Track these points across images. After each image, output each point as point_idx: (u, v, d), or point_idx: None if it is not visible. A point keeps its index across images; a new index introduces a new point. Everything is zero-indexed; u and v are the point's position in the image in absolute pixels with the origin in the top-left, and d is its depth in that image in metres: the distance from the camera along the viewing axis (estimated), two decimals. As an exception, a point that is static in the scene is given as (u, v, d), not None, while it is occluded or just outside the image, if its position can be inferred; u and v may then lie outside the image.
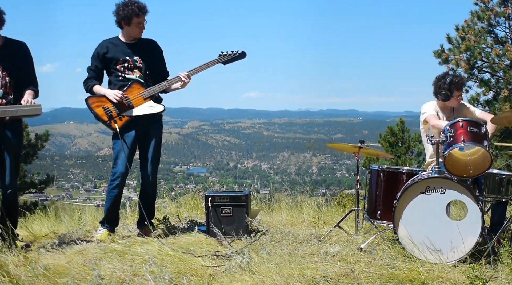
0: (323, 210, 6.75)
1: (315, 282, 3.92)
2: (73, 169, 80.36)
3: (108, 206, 5.42)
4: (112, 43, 5.36)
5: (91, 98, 5.33)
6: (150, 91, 5.29)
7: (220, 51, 5.50)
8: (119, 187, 5.35)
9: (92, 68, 5.38)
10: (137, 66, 5.33)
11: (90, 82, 5.36)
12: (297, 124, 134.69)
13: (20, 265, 4.14)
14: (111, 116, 5.26)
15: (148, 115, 5.30)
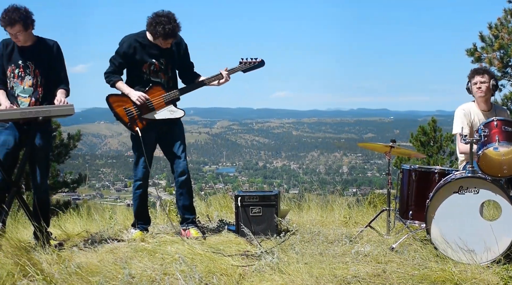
0: (354, 210, 6.71)
1: (346, 282, 3.89)
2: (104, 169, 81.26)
3: (135, 207, 5.48)
4: (140, 43, 5.28)
5: (113, 97, 5.34)
6: (171, 95, 5.30)
7: (241, 58, 5.50)
8: (143, 187, 5.40)
9: (115, 63, 5.34)
10: (162, 69, 5.31)
11: (113, 77, 5.34)
12: (327, 124, 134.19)
13: (54, 263, 4.18)
14: (132, 118, 5.29)
15: (169, 119, 5.33)
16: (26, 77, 4.94)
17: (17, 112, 4.66)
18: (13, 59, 4.96)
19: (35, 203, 5.01)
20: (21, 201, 4.87)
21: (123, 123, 5.32)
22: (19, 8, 4.78)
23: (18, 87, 4.94)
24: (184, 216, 5.48)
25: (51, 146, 5.23)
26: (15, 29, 4.78)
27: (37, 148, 4.96)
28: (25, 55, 4.95)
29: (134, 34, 5.34)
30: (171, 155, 5.42)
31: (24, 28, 4.82)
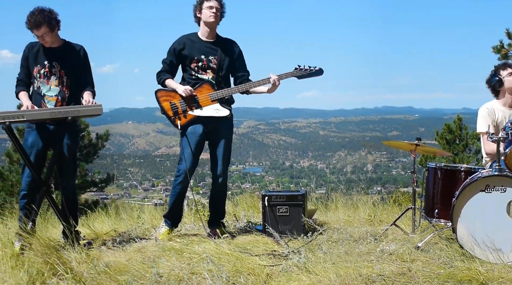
0: (379, 208, 6.69)
1: (372, 281, 3.88)
2: (131, 168, 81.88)
3: (171, 202, 5.45)
4: (190, 39, 5.38)
5: (161, 91, 5.39)
6: (218, 94, 5.30)
7: (297, 65, 5.39)
8: (183, 184, 5.37)
9: (166, 62, 5.42)
10: (211, 66, 5.33)
11: (163, 76, 5.41)
12: (353, 123, 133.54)
13: (83, 262, 4.23)
14: (176, 113, 5.31)
15: (213, 117, 5.33)
16: (52, 77, 5.00)
17: (47, 112, 4.70)
18: (39, 60, 5.02)
19: (64, 202, 5.08)
20: (51, 200, 4.92)
21: (168, 117, 5.35)
22: (44, 10, 4.85)
23: (45, 87, 5.00)
24: (213, 217, 5.52)
25: (79, 145, 5.28)
26: (41, 31, 4.85)
27: (65, 148, 5.02)
28: (51, 56, 5.02)
29: (187, 34, 5.46)
30: (213, 155, 5.43)
31: (50, 29, 4.89)
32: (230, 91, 5.34)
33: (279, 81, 5.32)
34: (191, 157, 5.30)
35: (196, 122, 5.32)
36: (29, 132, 5.02)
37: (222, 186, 5.45)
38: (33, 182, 4.91)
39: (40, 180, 4.85)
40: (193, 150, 5.32)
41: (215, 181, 5.43)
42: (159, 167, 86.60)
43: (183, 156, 5.31)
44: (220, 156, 5.39)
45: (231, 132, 5.51)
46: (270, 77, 5.30)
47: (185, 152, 5.30)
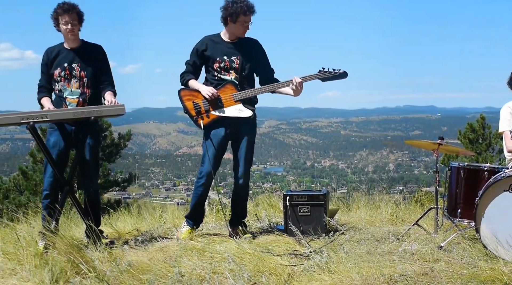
0: (401, 208, 6.65)
1: (394, 280, 3.86)
2: (153, 168, 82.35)
3: (193, 203, 5.47)
4: (213, 40, 5.37)
5: (184, 91, 5.39)
6: (242, 94, 5.28)
7: (321, 67, 5.36)
8: (205, 186, 5.38)
9: (190, 63, 5.42)
10: (233, 67, 5.31)
11: (187, 76, 5.41)
12: (374, 122, 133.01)
13: (105, 261, 4.25)
14: (199, 112, 5.30)
15: (236, 117, 5.32)
16: (73, 79, 5.03)
17: (69, 113, 4.74)
18: (59, 63, 5.06)
19: (86, 202, 5.11)
20: (74, 199, 4.95)
21: (190, 116, 5.35)
22: (74, 3, 4.97)
23: (66, 90, 5.04)
24: (235, 217, 5.53)
25: (101, 145, 5.32)
26: (72, 17, 4.92)
27: (87, 148, 5.05)
28: (71, 58, 5.05)
29: (209, 35, 5.45)
30: (235, 156, 5.42)
31: (79, 20, 4.97)
32: (253, 92, 5.32)
33: (301, 85, 5.28)
34: (213, 159, 5.31)
35: (219, 123, 5.32)
36: (51, 133, 5.06)
37: (244, 186, 5.45)
38: (55, 181, 4.95)
39: (63, 179, 4.89)
40: (216, 151, 5.32)
41: (237, 181, 5.43)
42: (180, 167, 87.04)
43: (205, 157, 5.32)
44: (242, 157, 5.38)
45: (254, 134, 5.49)
46: (292, 80, 5.27)
47: (207, 154, 5.32)
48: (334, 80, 5.39)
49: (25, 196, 12.79)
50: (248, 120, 5.37)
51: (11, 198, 13.30)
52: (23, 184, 13.53)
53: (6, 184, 14.20)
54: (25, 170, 13.60)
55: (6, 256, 4.44)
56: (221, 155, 5.41)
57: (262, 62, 5.48)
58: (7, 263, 4.33)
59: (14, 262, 4.29)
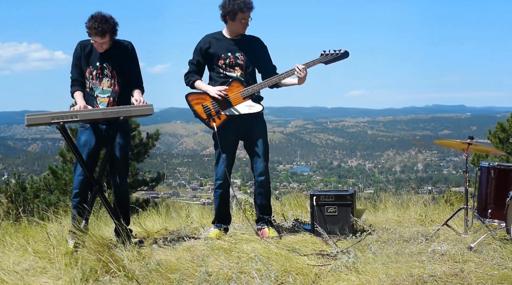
0: (430, 208, 6.59)
1: (423, 281, 3.83)
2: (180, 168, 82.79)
3: (216, 206, 5.51)
4: (215, 38, 5.39)
5: (191, 95, 5.40)
6: (249, 90, 5.29)
7: (322, 50, 5.36)
8: (223, 186, 5.42)
9: (193, 63, 5.43)
10: (238, 63, 5.33)
11: (192, 77, 5.42)
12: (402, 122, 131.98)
13: (134, 260, 4.28)
14: (209, 115, 5.31)
15: (247, 114, 5.34)
16: (104, 78, 5.06)
17: (99, 112, 4.77)
18: (91, 61, 5.08)
19: (116, 201, 5.15)
20: (103, 199, 4.98)
21: (202, 120, 5.36)
22: (107, 18, 4.89)
23: (97, 89, 5.07)
24: (260, 215, 5.53)
25: (130, 144, 5.35)
26: (105, 39, 4.92)
27: (117, 147, 5.09)
28: (102, 57, 5.06)
29: (211, 33, 5.46)
30: (252, 154, 5.42)
31: (112, 38, 4.98)
32: (261, 86, 5.32)
33: (305, 70, 5.25)
34: (227, 159, 5.35)
35: (230, 122, 5.32)
36: (82, 132, 5.11)
37: (266, 183, 5.44)
38: (85, 180, 4.99)
39: (93, 178, 4.92)
40: (228, 151, 5.36)
41: (258, 179, 5.42)
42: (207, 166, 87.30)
43: (219, 158, 5.35)
44: (260, 154, 5.38)
45: (265, 129, 5.49)
46: (295, 68, 5.26)
47: (221, 155, 5.35)
48: (336, 61, 5.36)
49: (55, 195, 12.95)
50: (258, 116, 5.37)
51: (41, 197, 13.48)
52: (53, 183, 13.69)
53: (36, 183, 14.40)
54: (55, 169, 13.76)
55: (37, 255, 4.50)
56: (234, 153, 5.46)
57: (264, 59, 5.49)
58: (38, 261, 4.40)
59: (45, 261, 4.35)
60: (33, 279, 3.98)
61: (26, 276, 3.98)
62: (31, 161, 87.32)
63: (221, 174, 5.38)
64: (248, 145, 5.44)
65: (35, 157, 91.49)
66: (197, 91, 5.41)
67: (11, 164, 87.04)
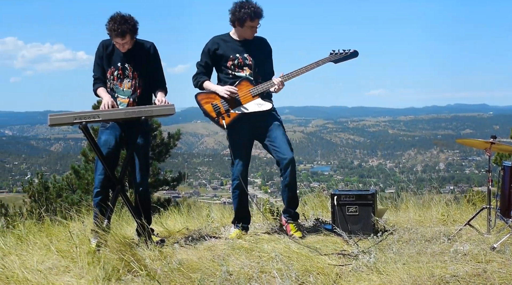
0: (452, 208, 6.54)
1: (445, 281, 3.81)
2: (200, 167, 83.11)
3: (235, 206, 5.53)
4: (223, 39, 5.40)
5: (201, 95, 5.41)
6: (258, 89, 5.29)
7: (332, 49, 5.41)
8: (240, 186, 5.42)
9: (202, 64, 5.43)
10: (247, 64, 5.34)
11: (200, 78, 5.43)
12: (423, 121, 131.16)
13: (156, 259, 4.31)
14: (219, 113, 5.31)
15: (257, 112, 5.32)
16: (125, 79, 5.08)
17: (121, 112, 4.79)
18: (113, 62, 5.10)
19: (137, 200, 5.16)
20: (125, 198, 5.00)
21: (211, 119, 5.36)
22: (127, 18, 4.91)
23: (118, 89, 5.09)
24: (287, 208, 5.49)
25: (151, 144, 5.37)
26: (125, 40, 4.94)
27: (137, 147, 5.11)
28: (124, 58, 5.08)
29: (218, 35, 5.48)
30: (274, 149, 5.34)
31: (133, 38, 4.99)
32: (270, 84, 5.33)
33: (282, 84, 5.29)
34: (242, 158, 5.36)
35: (240, 120, 5.32)
36: (103, 131, 5.14)
37: (292, 173, 5.31)
38: (105, 179, 5.02)
39: (115, 178, 4.95)
40: (243, 149, 5.37)
41: (284, 170, 5.29)
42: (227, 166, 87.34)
43: (234, 158, 5.36)
44: (283, 145, 5.29)
45: (280, 122, 5.42)
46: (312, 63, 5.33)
47: (236, 155, 5.35)
48: (346, 60, 5.44)
49: (78, 194, 13.06)
50: (269, 113, 5.37)
51: (64, 196, 13.59)
52: (76, 182, 13.81)
53: (59, 182, 14.53)
54: (77, 169, 13.88)
55: (60, 254, 4.54)
56: (249, 151, 5.45)
57: (267, 61, 5.52)
58: (61, 260, 4.44)
59: (68, 260, 4.39)
60: (56, 277, 4.02)
61: (49, 275, 4.02)
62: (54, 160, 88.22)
63: (237, 174, 5.40)
64: (268, 142, 5.38)
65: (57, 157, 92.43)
66: (206, 91, 5.43)
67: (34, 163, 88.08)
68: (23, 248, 4.90)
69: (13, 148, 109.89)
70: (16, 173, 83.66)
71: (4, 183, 75.97)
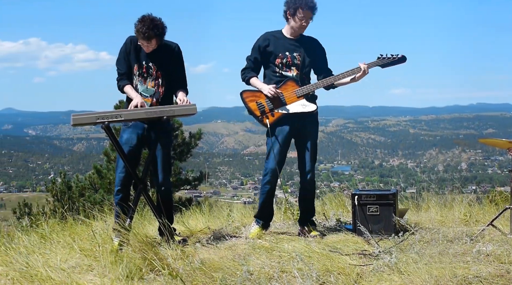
0: (474, 208, 6.49)
1: (468, 282, 3.78)
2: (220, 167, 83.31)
3: (261, 201, 5.51)
4: (275, 36, 5.41)
5: (246, 93, 5.44)
6: (304, 90, 5.31)
7: (380, 53, 5.40)
8: (271, 183, 5.42)
9: (251, 59, 5.45)
10: (295, 63, 5.34)
11: (248, 74, 5.44)
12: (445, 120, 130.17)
13: (178, 258, 4.33)
14: (263, 112, 5.34)
15: (301, 113, 5.35)
16: (148, 78, 5.11)
17: (142, 112, 4.81)
18: (138, 59, 5.12)
19: (159, 200, 5.18)
20: (147, 197, 5.03)
21: (255, 117, 5.40)
22: (157, 24, 4.92)
23: (142, 86, 5.12)
24: (304, 215, 5.54)
25: (173, 144, 5.40)
26: (152, 43, 4.97)
27: (159, 146, 5.13)
28: (149, 57, 5.11)
29: (270, 31, 5.49)
30: (300, 153, 5.45)
31: (158, 42, 5.02)
32: (316, 86, 5.35)
33: (368, 69, 5.32)
34: (278, 155, 5.35)
35: (284, 120, 5.34)
36: (124, 130, 5.17)
37: (311, 182, 5.46)
38: (126, 178, 5.06)
39: (137, 177, 4.98)
40: (281, 148, 5.36)
41: (303, 178, 5.44)
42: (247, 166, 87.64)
43: (270, 154, 5.36)
44: (308, 153, 5.40)
45: (317, 129, 5.51)
46: (358, 67, 5.30)
47: (272, 150, 5.35)
48: (393, 65, 5.42)
49: (100, 194, 13.15)
50: (311, 115, 5.38)
51: (86, 196, 13.69)
52: (98, 182, 13.90)
53: (81, 182, 14.64)
54: (99, 168, 13.98)
55: (83, 253, 4.58)
56: (285, 151, 5.43)
57: (321, 61, 5.50)
58: (84, 259, 4.48)
59: (91, 259, 4.43)
60: (79, 276, 4.05)
61: (72, 274, 4.05)
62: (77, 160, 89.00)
63: (270, 169, 5.38)
64: (299, 144, 5.47)
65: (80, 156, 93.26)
66: (252, 88, 5.46)
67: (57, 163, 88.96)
68: (47, 247, 4.94)
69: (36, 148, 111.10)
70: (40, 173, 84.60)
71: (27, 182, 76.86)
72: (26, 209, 13.80)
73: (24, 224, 6.04)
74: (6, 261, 4.52)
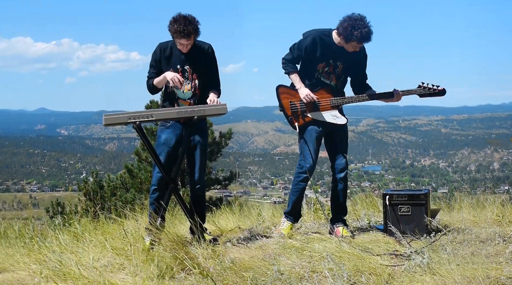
0: (507, 208, 6.39)
1: (501, 283, 3.72)
2: (251, 166, 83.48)
3: (294, 198, 5.51)
4: (323, 40, 5.29)
5: (282, 88, 5.44)
6: (339, 101, 5.32)
7: (421, 82, 5.33)
8: (306, 180, 5.43)
9: (294, 55, 5.37)
10: (336, 72, 5.34)
11: (290, 67, 5.39)
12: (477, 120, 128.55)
13: (209, 258, 4.36)
14: (295, 113, 5.36)
15: (331, 124, 5.34)
16: (185, 81, 5.13)
17: (173, 112, 4.83)
18: (172, 64, 5.12)
19: (192, 199, 5.23)
20: (178, 197, 5.04)
21: (285, 115, 5.40)
22: (190, 19, 4.94)
23: (178, 91, 5.14)
24: (336, 215, 5.53)
25: (207, 143, 5.42)
26: (190, 41, 4.99)
27: (196, 145, 5.17)
28: (183, 60, 5.12)
29: (321, 30, 5.35)
30: (332, 153, 5.46)
31: (197, 36, 5.04)
32: (350, 100, 5.36)
33: (401, 97, 5.38)
34: (312, 154, 5.34)
35: (314, 123, 5.36)
36: (163, 130, 5.20)
37: (345, 180, 5.46)
38: (161, 179, 5.08)
39: (168, 177, 4.99)
40: (313, 146, 5.36)
41: (338, 176, 5.43)
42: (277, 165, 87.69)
43: (305, 151, 5.35)
44: (341, 151, 5.42)
45: (347, 130, 5.52)
46: (392, 92, 5.34)
47: (307, 148, 5.35)
48: (432, 97, 5.39)
49: (131, 193, 13.28)
50: (342, 126, 5.40)
51: (118, 195, 13.83)
52: (129, 181, 14.03)
53: (113, 181, 14.80)
54: (130, 168, 14.11)
55: (115, 251, 4.63)
56: (318, 150, 5.44)
57: (361, 67, 5.49)
58: (115, 258, 4.53)
59: (122, 257, 4.48)
60: (111, 275, 4.10)
61: (105, 272, 4.10)
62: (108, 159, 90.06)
63: (307, 167, 5.38)
64: (329, 145, 5.49)
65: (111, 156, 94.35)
66: (288, 85, 5.45)
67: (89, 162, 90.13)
68: (79, 245, 5.00)
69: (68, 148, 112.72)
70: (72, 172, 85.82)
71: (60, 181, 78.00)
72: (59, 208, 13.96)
73: (57, 223, 6.12)
74: (40, 259, 4.60)
